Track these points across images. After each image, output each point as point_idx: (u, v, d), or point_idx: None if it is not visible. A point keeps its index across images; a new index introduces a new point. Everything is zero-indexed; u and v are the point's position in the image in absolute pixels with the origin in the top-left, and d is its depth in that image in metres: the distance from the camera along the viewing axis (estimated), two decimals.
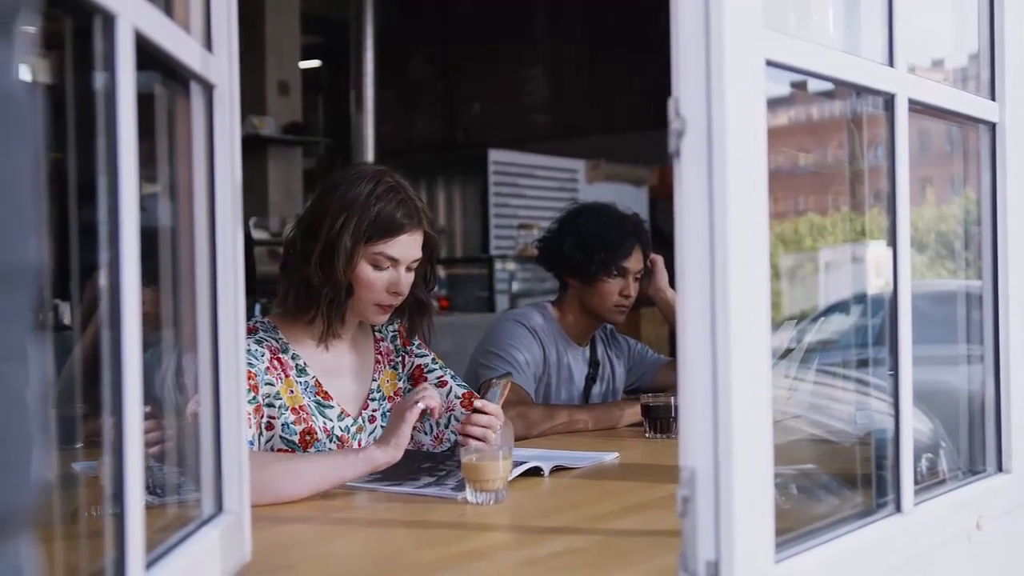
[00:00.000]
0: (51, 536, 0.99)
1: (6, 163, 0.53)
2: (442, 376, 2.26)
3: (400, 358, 2.27)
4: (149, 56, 1.04)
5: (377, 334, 2.27)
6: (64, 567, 1.08)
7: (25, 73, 0.58)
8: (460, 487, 1.84)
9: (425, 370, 2.27)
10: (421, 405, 1.87)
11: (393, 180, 2.08)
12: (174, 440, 1.41)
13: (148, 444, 1.41)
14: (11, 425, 0.53)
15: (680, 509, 1.11)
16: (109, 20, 0.93)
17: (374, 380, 2.21)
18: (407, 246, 2.07)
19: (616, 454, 2.28)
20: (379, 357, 2.24)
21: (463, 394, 2.24)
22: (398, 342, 2.28)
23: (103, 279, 0.94)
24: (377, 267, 2.06)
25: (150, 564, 1.02)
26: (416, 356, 2.28)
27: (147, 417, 1.32)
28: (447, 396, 2.22)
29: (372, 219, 2.03)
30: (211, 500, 1.28)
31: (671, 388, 2.82)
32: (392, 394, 2.23)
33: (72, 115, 1.01)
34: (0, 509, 0.52)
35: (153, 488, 1.25)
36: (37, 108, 0.58)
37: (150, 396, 1.03)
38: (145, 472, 0.99)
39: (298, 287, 2.08)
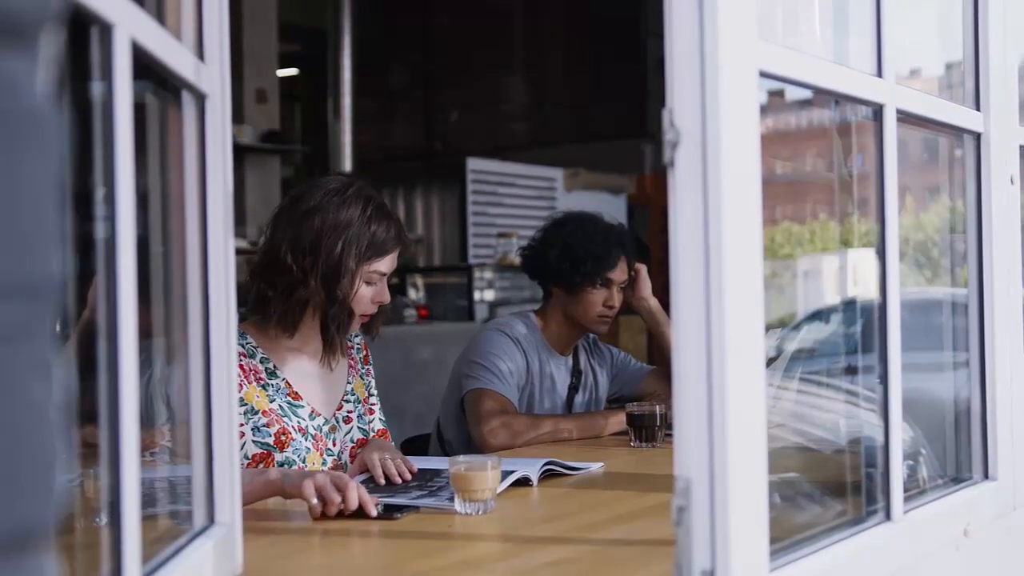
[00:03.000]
0: None
1: (32, 177, 0.53)
2: (374, 405, 2.37)
3: (363, 371, 2.37)
4: (143, 65, 1.04)
5: (346, 341, 2.33)
6: None
7: (47, 88, 0.58)
8: (453, 498, 1.83)
9: (370, 389, 2.37)
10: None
11: (377, 198, 2.19)
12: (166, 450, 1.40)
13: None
14: (37, 439, 0.53)
15: (675, 518, 1.11)
16: (106, 30, 0.92)
17: (348, 383, 2.30)
18: (393, 260, 2.21)
19: (601, 464, 2.28)
20: (351, 363, 2.33)
21: (378, 430, 2.35)
22: (360, 356, 2.37)
23: (100, 289, 0.93)
24: (370, 283, 2.17)
25: None
26: (371, 376, 2.39)
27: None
28: (368, 424, 2.31)
29: (370, 241, 2.14)
30: (203, 512, 1.27)
31: (654, 396, 2.82)
32: (363, 399, 2.32)
33: (66, 124, 1.00)
34: (27, 523, 0.52)
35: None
36: (59, 122, 0.58)
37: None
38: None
39: (296, 305, 2.12)
